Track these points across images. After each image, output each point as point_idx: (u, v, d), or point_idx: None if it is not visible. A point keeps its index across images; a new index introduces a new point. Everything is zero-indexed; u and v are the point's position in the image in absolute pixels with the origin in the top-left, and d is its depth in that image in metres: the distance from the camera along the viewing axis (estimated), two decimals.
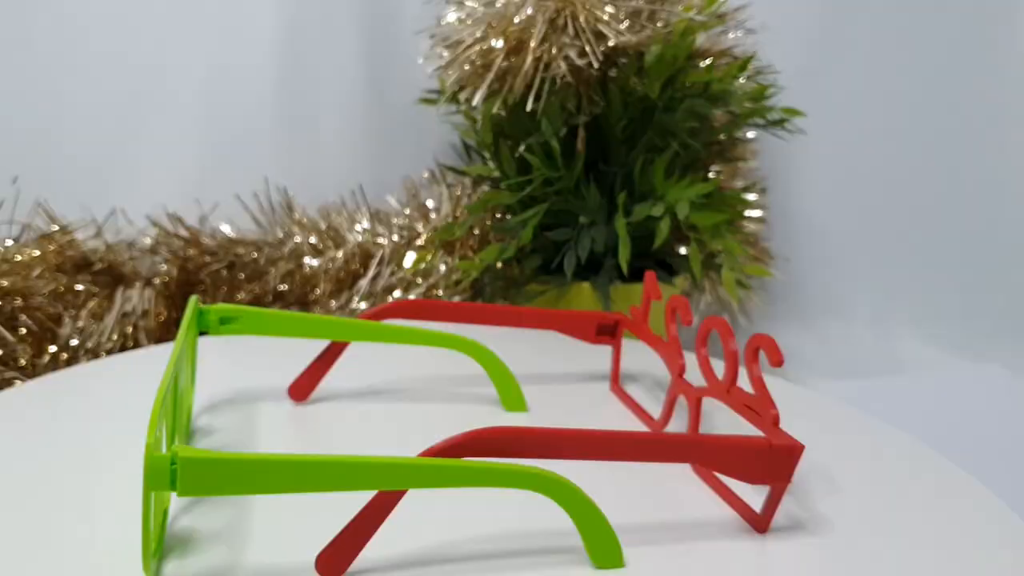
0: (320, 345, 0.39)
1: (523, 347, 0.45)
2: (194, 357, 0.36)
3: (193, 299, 0.35)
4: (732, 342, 0.32)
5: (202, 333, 0.36)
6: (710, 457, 0.28)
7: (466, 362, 0.39)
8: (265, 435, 0.35)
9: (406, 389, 0.41)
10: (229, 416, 0.37)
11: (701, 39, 0.60)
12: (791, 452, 0.27)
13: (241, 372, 0.42)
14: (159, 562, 0.25)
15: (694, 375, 0.34)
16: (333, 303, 0.61)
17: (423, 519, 0.28)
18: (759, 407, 0.30)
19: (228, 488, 0.22)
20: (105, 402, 0.39)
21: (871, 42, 0.78)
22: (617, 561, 0.26)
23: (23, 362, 0.53)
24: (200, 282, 0.64)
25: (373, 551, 0.25)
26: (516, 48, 0.54)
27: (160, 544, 0.26)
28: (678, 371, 0.35)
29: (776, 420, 0.29)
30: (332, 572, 0.25)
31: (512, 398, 0.38)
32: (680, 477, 0.33)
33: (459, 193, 0.67)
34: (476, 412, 0.39)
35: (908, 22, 0.77)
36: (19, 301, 0.54)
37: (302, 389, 0.38)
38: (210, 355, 0.41)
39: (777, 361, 0.29)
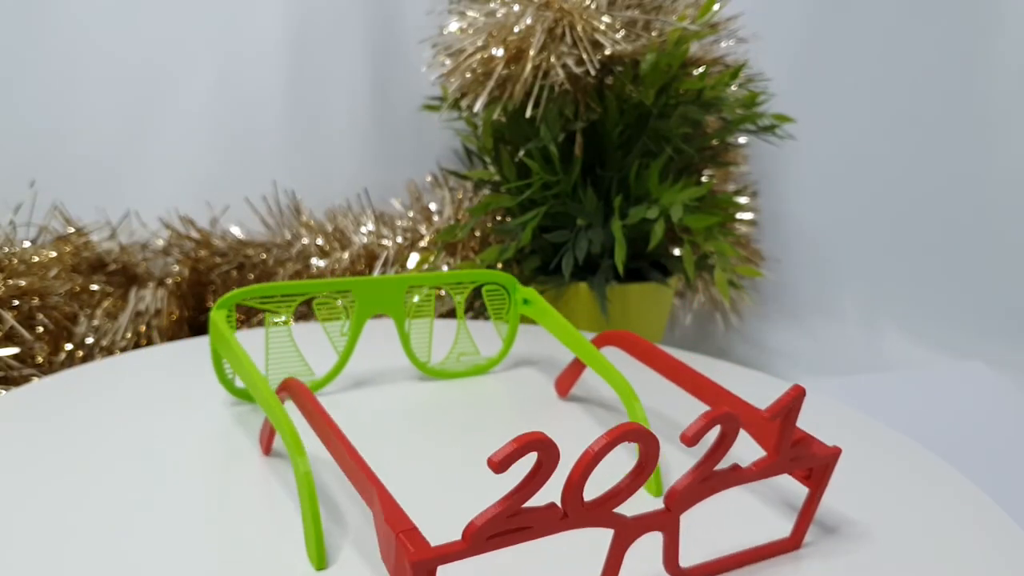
0: None
1: None
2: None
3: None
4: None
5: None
6: None
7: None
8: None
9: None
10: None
11: (694, 48, 0.60)
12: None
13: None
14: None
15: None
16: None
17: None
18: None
19: None
20: (119, 398, 0.39)
21: (859, 50, 0.78)
22: None
23: (40, 359, 0.53)
24: (211, 282, 0.64)
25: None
26: (516, 56, 0.54)
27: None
28: None
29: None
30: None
31: None
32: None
33: (461, 196, 0.67)
34: None
35: (896, 29, 0.77)
36: (36, 301, 0.54)
37: (563, 386, 0.41)
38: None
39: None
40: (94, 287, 0.59)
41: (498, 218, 0.63)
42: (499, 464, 0.19)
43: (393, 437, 0.36)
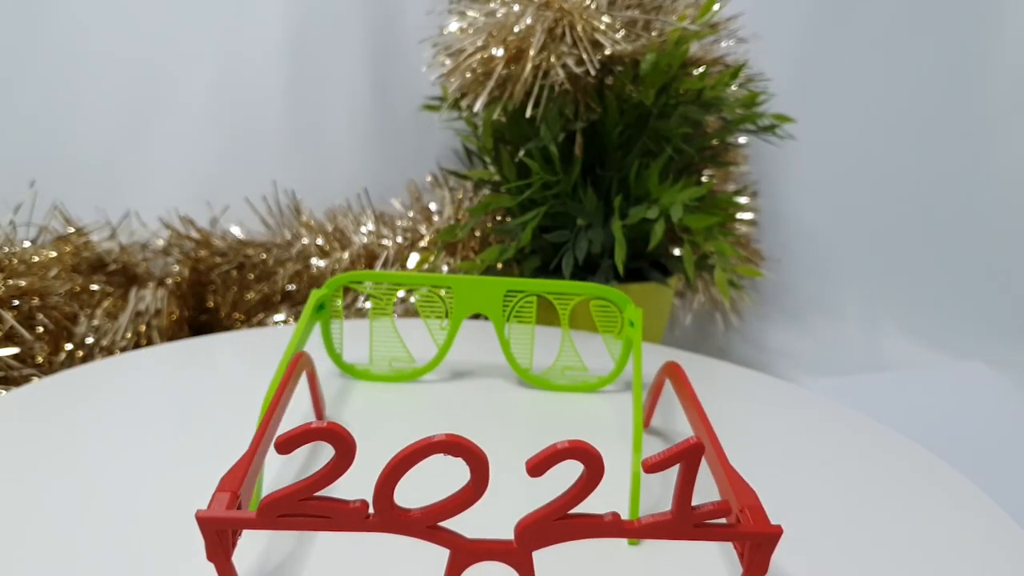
0: None
1: None
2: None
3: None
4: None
5: None
6: None
7: None
8: None
9: None
10: None
11: (694, 48, 0.60)
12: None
13: None
14: None
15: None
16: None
17: None
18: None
19: None
20: (119, 398, 0.39)
21: (859, 50, 0.78)
22: None
23: (40, 359, 0.53)
24: (211, 282, 0.65)
25: None
26: (516, 56, 0.54)
27: None
28: None
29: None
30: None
31: None
32: None
33: (461, 196, 0.67)
34: None
35: (896, 29, 0.77)
36: (36, 301, 0.54)
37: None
38: None
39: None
40: (94, 287, 0.59)
41: (498, 218, 0.63)
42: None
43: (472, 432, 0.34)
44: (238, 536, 0.23)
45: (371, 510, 0.21)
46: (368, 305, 0.61)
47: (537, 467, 0.20)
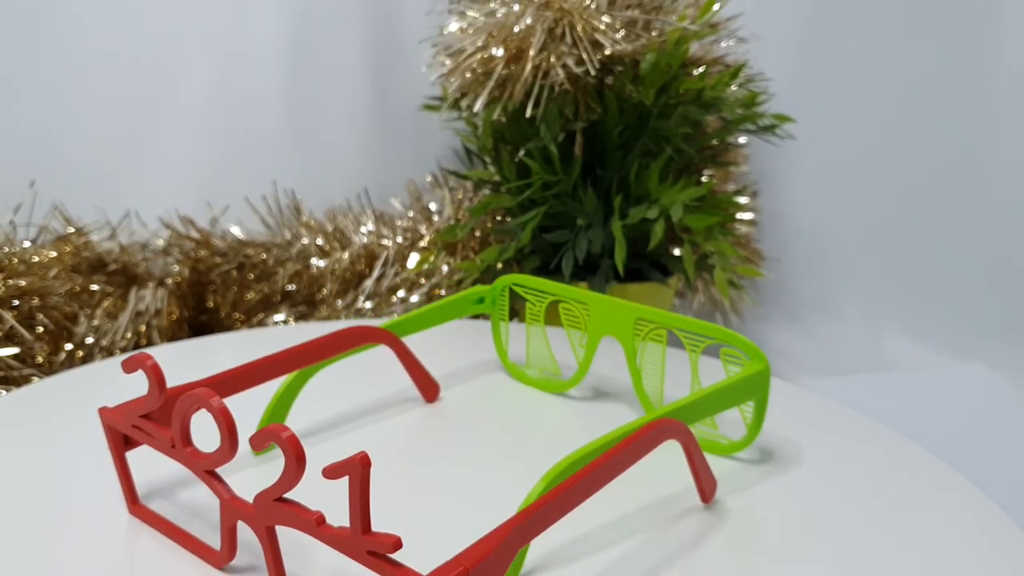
0: None
1: None
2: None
3: None
4: None
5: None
6: None
7: None
8: None
9: None
10: None
11: (694, 48, 0.60)
12: None
13: None
14: None
15: None
16: (339, 303, 0.62)
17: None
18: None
19: None
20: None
21: (859, 50, 0.78)
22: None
23: (40, 359, 0.54)
24: (211, 282, 0.65)
25: None
26: (516, 56, 0.54)
27: None
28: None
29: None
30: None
31: None
32: None
33: (461, 196, 0.67)
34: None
35: (896, 29, 0.77)
36: (36, 301, 0.54)
37: None
38: None
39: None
40: (94, 287, 0.59)
41: (498, 218, 0.63)
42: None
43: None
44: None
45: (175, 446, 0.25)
46: (368, 305, 0.61)
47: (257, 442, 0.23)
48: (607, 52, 0.53)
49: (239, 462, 0.26)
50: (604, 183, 0.60)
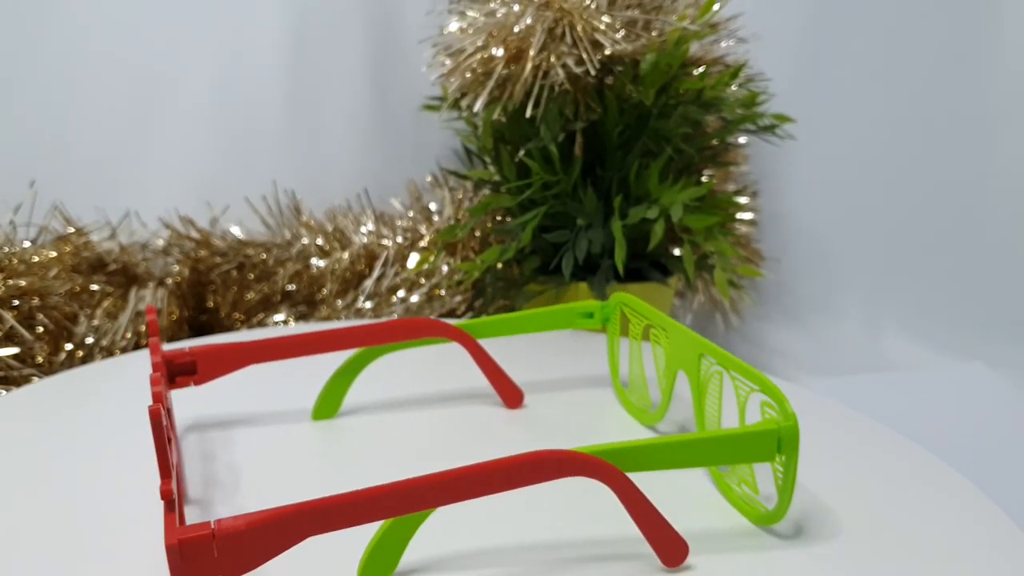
0: None
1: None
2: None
3: None
4: None
5: None
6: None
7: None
8: None
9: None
10: None
11: (694, 48, 0.60)
12: None
13: None
14: None
15: None
16: (339, 303, 0.62)
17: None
18: None
19: None
20: (119, 398, 0.39)
21: (859, 50, 0.77)
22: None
23: (40, 359, 0.54)
24: (211, 282, 0.65)
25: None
26: (516, 56, 0.54)
27: None
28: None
29: None
30: None
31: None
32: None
33: (461, 196, 0.67)
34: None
35: (896, 29, 0.77)
36: (36, 301, 0.55)
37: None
38: None
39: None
40: (94, 287, 0.59)
41: (498, 218, 0.63)
42: None
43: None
44: None
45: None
46: (368, 305, 0.61)
47: None
48: (607, 52, 0.53)
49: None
50: (604, 183, 0.60)
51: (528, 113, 0.54)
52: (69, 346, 0.56)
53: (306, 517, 0.22)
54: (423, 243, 0.64)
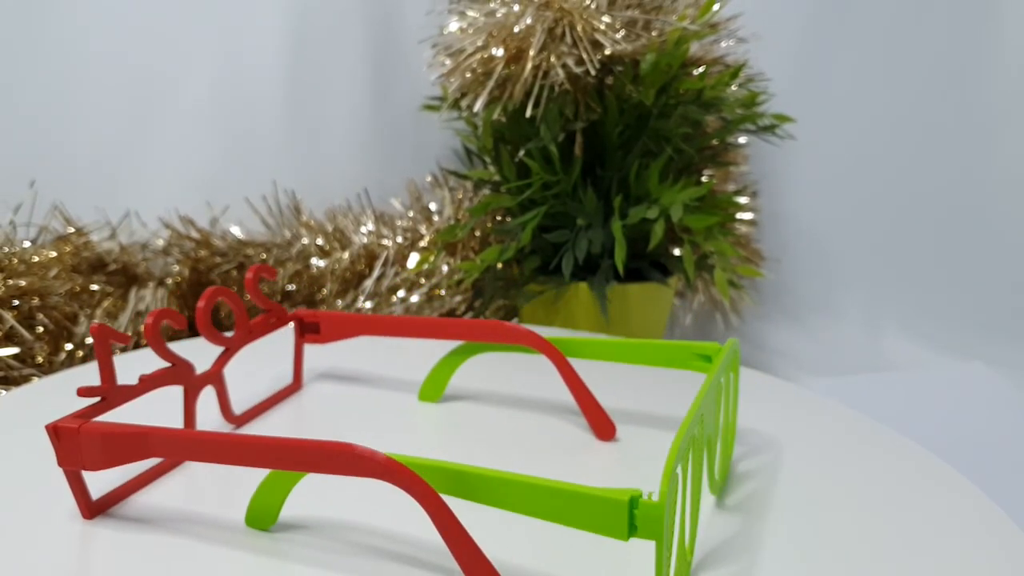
0: None
1: None
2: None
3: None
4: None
5: None
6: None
7: None
8: None
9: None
10: None
11: (694, 48, 0.60)
12: None
13: None
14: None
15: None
16: (339, 303, 0.62)
17: None
18: None
19: None
20: None
21: (859, 50, 0.78)
22: None
23: (40, 359, 0.54)
24: (211, 282, 0.65)
25: None
26: (516, 56, 0.54)
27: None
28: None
29: None
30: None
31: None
32: None
33: (461, 196, 0.67)
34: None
35: (896, 29, 0.77)
36: (36, 300, 0.55)
37: None
38: None
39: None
40: (94, 287, 0.59)
41: (498, 218, 0.63)
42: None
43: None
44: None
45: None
46: (368, 305, 0.61)
47: None
48: (607, 52, 0.53)
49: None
50: (604, 183, 0.60)
51: (528, 113, 0.55)
52: (69, 346, 0.56)
53: (150, 440, 0.27)
54: (423, 243, 0.64)
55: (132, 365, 0.45)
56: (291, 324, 0.40)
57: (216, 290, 0.36)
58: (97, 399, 0.29)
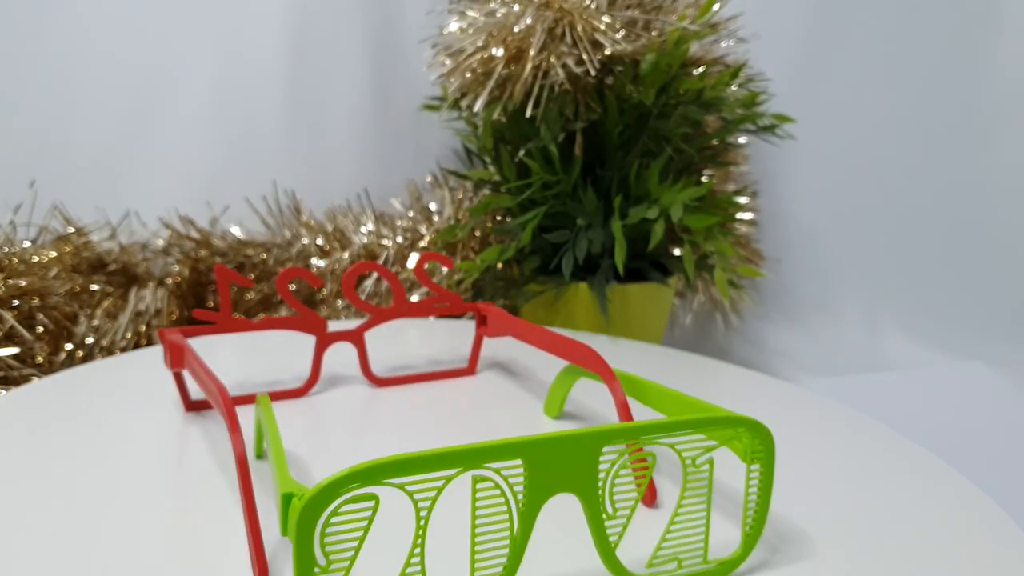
0: None
1: None
2: None
3: None
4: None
5: None
6: None
7: None
8: None
9: None
10: None
11: (694, 48, 0.60)
12: None
13: None
14: None
15: None
16: (339, 303, 0.62)
17: None
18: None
19: None
20: (119, 398, 0.39)
21: (859, 50, 0.78)
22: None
23: (40, 359, 0.54)
24: (211, 282, 0.65)
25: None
26: (516, 56, 0.54)
27: None
28: None
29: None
30: None
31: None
32: None
33: (461, 196, 0.67)
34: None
35: (896, 29, 0.77)
36: (36, 301, 0.55)
37: None
38: None
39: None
40: (94, 287, 0.59)
41: (498, 218, 0.63)
42: None
43: None
44: None
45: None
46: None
47: None
48: (607, 52, 0.53)
49: None
50: (604, 183, 0.60)
51: (528, 113, 0.55)
52: (69, 346, 0.56)
53: (187, 357, 0.34)
54: (423, 243, 0.64)
55: (132, 363, 0.45)
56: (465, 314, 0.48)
57: (366, 264, 0.39)
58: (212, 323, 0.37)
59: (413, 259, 0.63)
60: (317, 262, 0.64)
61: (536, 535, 0.23)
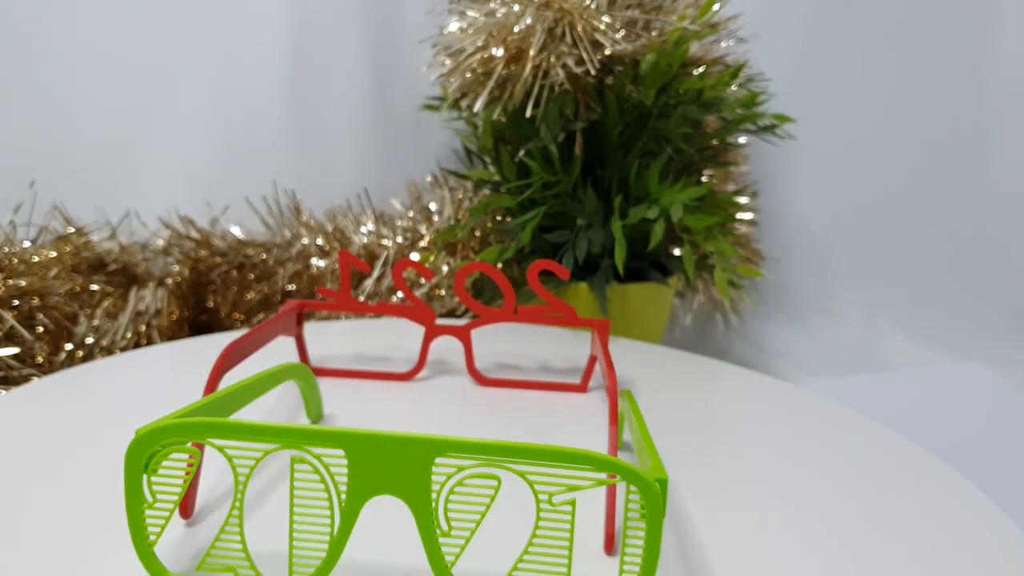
0: None
1: None
2: None
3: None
4: None
5: None
6: None
7: None
8: None
9: None
10: None
11: (694, 48, 0.60)
12: None
13: None
14: None
15: None
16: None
17: None
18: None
19: None
20: (119, 398, 0.39)
21: (860, 50, 0.78)
22: None
23: (40, 359, 0.53)
24: (211, 282, 0.65)
25: None
26: (516, 56, 0.54)
27: None
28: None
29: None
30: None
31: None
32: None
33: (461, 196, 0.67)
34: None
35: (896, 29, 0.77)
36: (36, 301, 0.55)
37: None
38: None
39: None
40: (94, 287, 0.59)
41: (498, 218, 0.63)
42: None
43: None
44: None
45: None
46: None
47: None
48: (607, 52, 0.53)
49: None
50: (604, 183, 0.60)
51: (528, 113, 0.55)
52: (69, 346, 0.55)
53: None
54: (423, 243, 0.64)
55: (132, 363, 0.45)
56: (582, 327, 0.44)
57: (478, 265, 0.41)
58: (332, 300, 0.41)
59: (413, 259, 0.63)
60: (317, 262, 0.64)
61: (376, 537, 0.24)
